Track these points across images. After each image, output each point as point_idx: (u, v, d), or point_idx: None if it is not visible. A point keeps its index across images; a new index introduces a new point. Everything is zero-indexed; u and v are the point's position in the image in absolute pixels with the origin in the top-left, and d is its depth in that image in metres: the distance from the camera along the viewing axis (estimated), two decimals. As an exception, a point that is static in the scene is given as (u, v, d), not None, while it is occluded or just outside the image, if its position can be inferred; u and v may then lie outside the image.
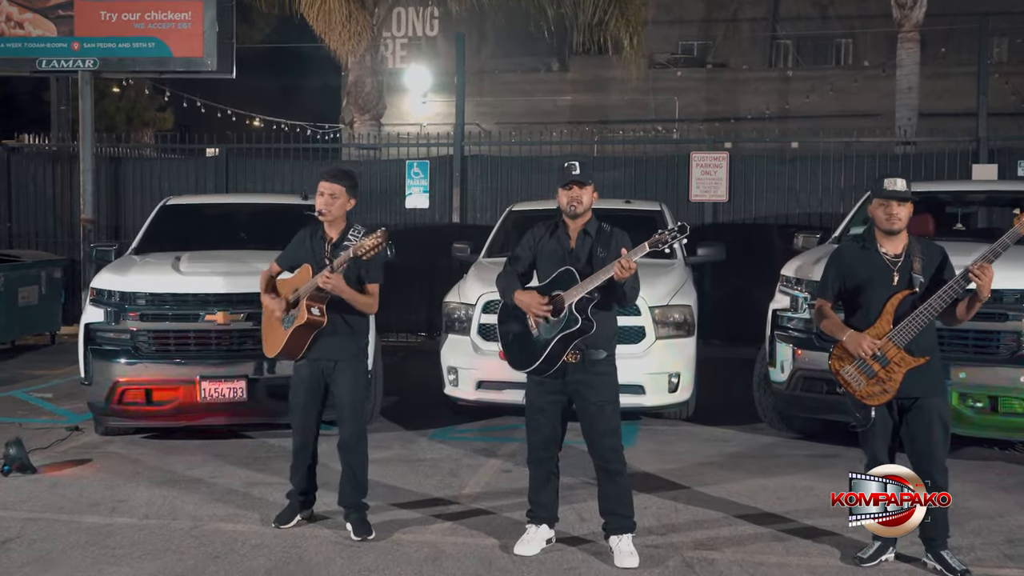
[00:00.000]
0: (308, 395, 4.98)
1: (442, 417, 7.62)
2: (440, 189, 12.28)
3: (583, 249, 4.54)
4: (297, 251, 5.11)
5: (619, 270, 4.23)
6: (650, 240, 4.26)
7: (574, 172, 4.50)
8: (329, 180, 4.95)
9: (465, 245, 8.87)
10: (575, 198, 4.50)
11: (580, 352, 4.47)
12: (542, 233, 4.69)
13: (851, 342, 4.35)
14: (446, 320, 7.46)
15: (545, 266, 4.61)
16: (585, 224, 4.59)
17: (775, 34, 25.95)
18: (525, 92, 24.95)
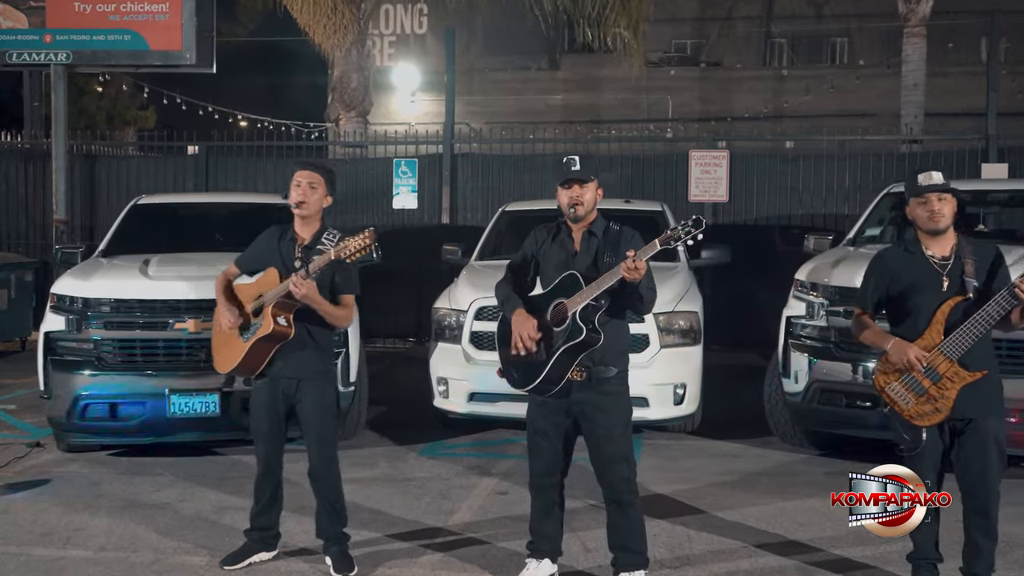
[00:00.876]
0: (271, 421, 4.42)
1: (432, 430, 7.14)
2: (429, 189, 11.82)
3: (588, 252, 4.07)
4: (262, 253, 4.52)
5: (627, 271, 3.75)
6: (661, 237, 3.77)
7: (573, 168, 4.02)
8: (307, 168, 4.43)
9: (456, 247, 8.40)
10: (576, 198, 4.02)
11: (587, 369, 4.00)
12: (543, 236, 4.21)
13: (896, 352, 3.88)
14: (436, 327, 6.98)
15: (547, 273, 4.14)
16: (590, 225, 4.12)
17: (769, 33, 25.56)
18: (516, 91, 24.51)
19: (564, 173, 4.04)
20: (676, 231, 3.74)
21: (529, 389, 4.02)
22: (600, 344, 3.93)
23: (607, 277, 3.86)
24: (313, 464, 4.42)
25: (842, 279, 6.01)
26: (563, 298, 3.96)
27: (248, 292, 4.49)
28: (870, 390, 5.79)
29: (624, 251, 4.01)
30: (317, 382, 4.40)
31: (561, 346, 3.92)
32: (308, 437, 4.41)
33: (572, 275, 3.98)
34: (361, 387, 6.83)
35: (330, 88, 12.79)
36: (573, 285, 3.95)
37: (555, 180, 4.10)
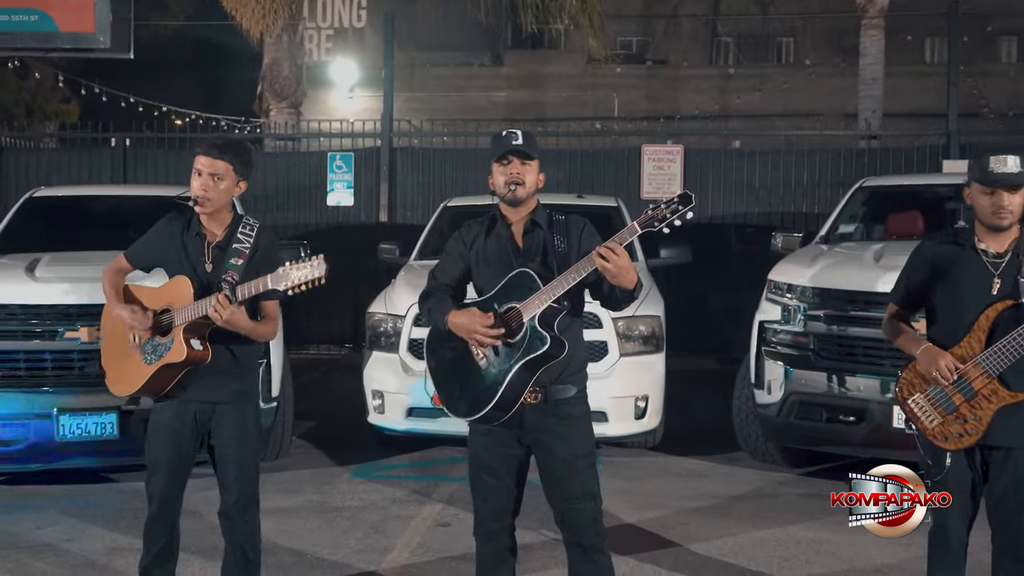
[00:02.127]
0: (175, 451, 3.62)
1: (366, 448, 6.42)
2: (366, 184, 11.07)
3: (535, 245, 3.38)
4: (159, 246, 3.70)
5: (602, 260, 3.06)
6: (642, 218, 3.10)
7: (515, 141, 3.36)
8: (209, 154, 3.60)
9: (393, 246, 7.68)
10: (517, 176, 3.34)
11: (541, 389, 3.31)
12: (475, 232, 3.47)
13: (926, 359, 3.28)
14: (370, 335, 6.26)
15: (485, 274, 3.43)
16: (532, 213, 3.44)
17: (716, 31, 25.24)
18: (457, 87, 23.81)
19: (503, 146, 3.37)
20: (660, 210, 3.07)
21: (478, 418, 3.31)
22: (564, 354, 3.26)
23: (573, 271, 3.18)
24: (228, 503, 3.64)
25: (822, 280, 5.44)
26: (514, 301, 3.28)
27: (150, 299, 3.66)
28: (854, 403, 5.25)
29: (581, 239, 3.39)
30: (237, 406, 3.64)
31: (518, 360, 3.23)
32: (225, 471, 3.64)
33: (524, 273, 3.28)
34: (285, 402, 6.08)
35: (260, 77, 11.93)
36: (526, 285, 3.25)
37: (491, 156, 3.41)
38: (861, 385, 5.21)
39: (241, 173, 3.66)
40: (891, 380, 5.13)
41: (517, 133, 3.38)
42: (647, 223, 3.08)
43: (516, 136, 3.37)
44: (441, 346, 3.41)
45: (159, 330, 3.58)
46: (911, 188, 7.12)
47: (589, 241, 3.38)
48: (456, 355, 3.33)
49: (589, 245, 3.35)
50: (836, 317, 5.36)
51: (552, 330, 3.22)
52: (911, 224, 6.71)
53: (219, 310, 3.36)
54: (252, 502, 3.69)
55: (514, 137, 3.37)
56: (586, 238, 3.40)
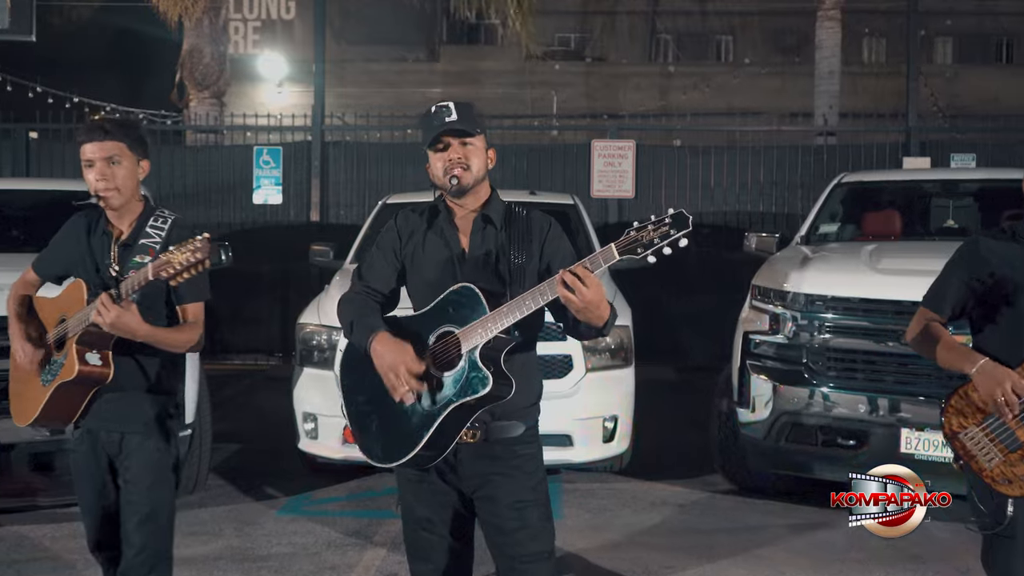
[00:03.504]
0: (94, 493, 3.04)
1: (296, 477, 5.65)
2: (296, 181, 10.28)
3: (485, 249, 2.70)
4: (66, 252, 3.11)
5: (565, 291, 2.40)
6: (622, 240, 2.41)
7: (448, 117, 2.67)
8: (93, 138, 2.96)
9: (326, 247, 6.90)
10: (457, 160, 2.66)
11: (481, 426, 2.63)
12: (414, 225, 2.79)
13: (985, 380, 2.69)
14: (301, 349, 5.49)
15: (420, 283, 2.73)
16: (484, 206, 2.75)
17: (655, 28, 24.84)
18: (391, 83, 22.93)
19: (433, 127, 2.67)
20: (646, 232, 2.40)
21: (402, 463, 2.60)
22: (511, 395, 2.57)
23: (530, 297, 2.49)
24: (129, 558, 2.95)
25: (817, 285, 4.84)
26: (452, 325, 2.57)
27: (49, 311, 3.09)
28: (854, 424, 4.65)
29: (542, 248, 2.71)
30: (148, 436, 3.00)
31: (452, 400, 2.53)
32: (129, 517, 2.97)
33: (467, 290, 2.58)
34: (202, 427, 5.28)
35: (179, 64, 10.99)
36: (469, 305, 2.56)
37: (424, 142, 2.72)
38: (862, 404, 4.61)
39: (138, 151, 3.04)
40: (896, 398, 4.58)
41: (449, 107, 2.69)
42: (628, 247, 2.40)
43: (449, 111, 2.68)
44: (359, 369, 2.68)
45: (57, 344, 3.00)
46: (894, 184, 6.59)
47: (554, 249, 2.71)
48: (377, 384, 2.61)
49: (554, 255, 2.70)
50: (834, 327, 4.76)
51: (497, 366, 2.53)
52: (884, 225, 6.18)
53: (103, 312, 2.76)
54: (160, 559, 3.01)
55: (446, 112, 2.68)
56: (551, 245, 2.71)
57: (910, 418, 4.49)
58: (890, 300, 4.57)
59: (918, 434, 4.43)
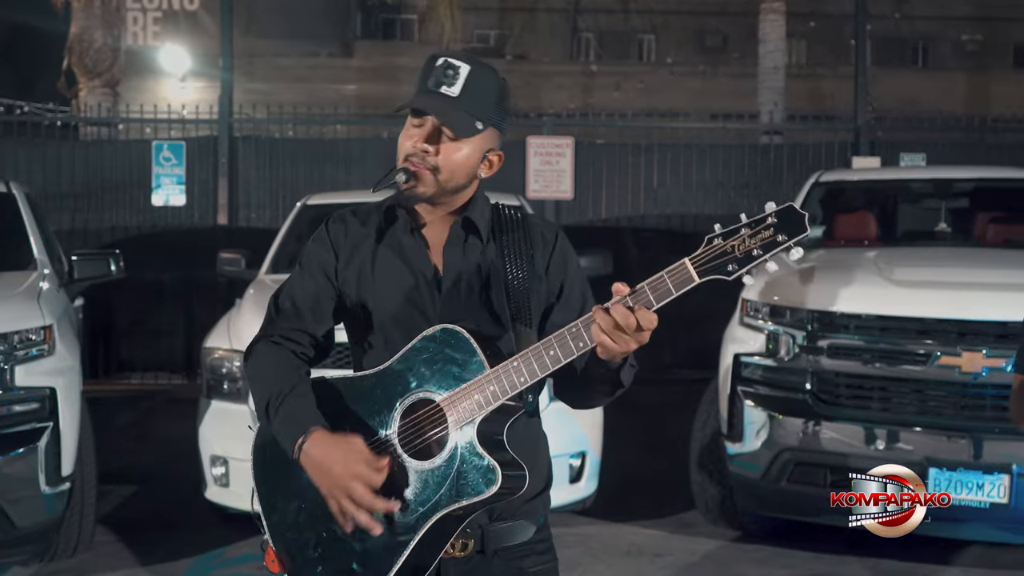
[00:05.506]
0: None
1: (206, 528, 4.73)
2: (200, 180, 9.25)
3: (467, 267, 1.88)
4: None
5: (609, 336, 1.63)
6: (703, 255, 1.62)
7: (446, 87, 1.79)
8: None
9: (237, 255, 5.98)
10: (421, 153, 1.81)
11: (475, 531, 1.81)
12: (357, 236, 1.92)
13: None
14: (209, 378, 4.59)
15: (372, 319, 1.88)
16: (465, 207, 1.90)
17: (576, 27, 24.32)
18: (302, 79, 21.84)
19: (419, 88, 1.82)
20: (740, 240, 1.60)
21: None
22: (524, 489, 1.77)
23: (551, 348, 1.69)
24: None
25: (823, 300, 4.15)
26: (430, 390, 1.75)
27: None
28: (872, 463, 3.97)
29: (548, 268, 1.89)
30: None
31: (438, 508, 1.71)
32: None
33: (449, 335, 1.75)
34: (84, 476, 4.31)
35: (66, 49, 9.85)
36: (454, 359, 1.74)
37: (408, 96, 1.86)
38: (881, 440, 3.95)
39: None
40: (922, 432, 3.93)
41: (458, 71, 1.80)
42: (713, 265, 1.61)
43: (453, 77, 1.79)
44: (282, 464, 1.81)
45: None
46: (879, 184, 6.01)
47: (566, 269, 1.90)
48: (309, 490, 1.77)
49: (566, 278, 1.89)
50: (846, 348, 4.09)
51: (501, 447, 1.72)
52: (857, 229, 5.59)
53: None
54: None
55: (449, 79, 1.79)
56: (561, 263, 1.91)
57: (939, 456, 3.84)
58: (913, 317, 3.93)
59: (949, 474, 3.78)
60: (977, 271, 4.08)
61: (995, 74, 22.26)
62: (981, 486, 3.73)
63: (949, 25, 24.29)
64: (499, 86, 1.86)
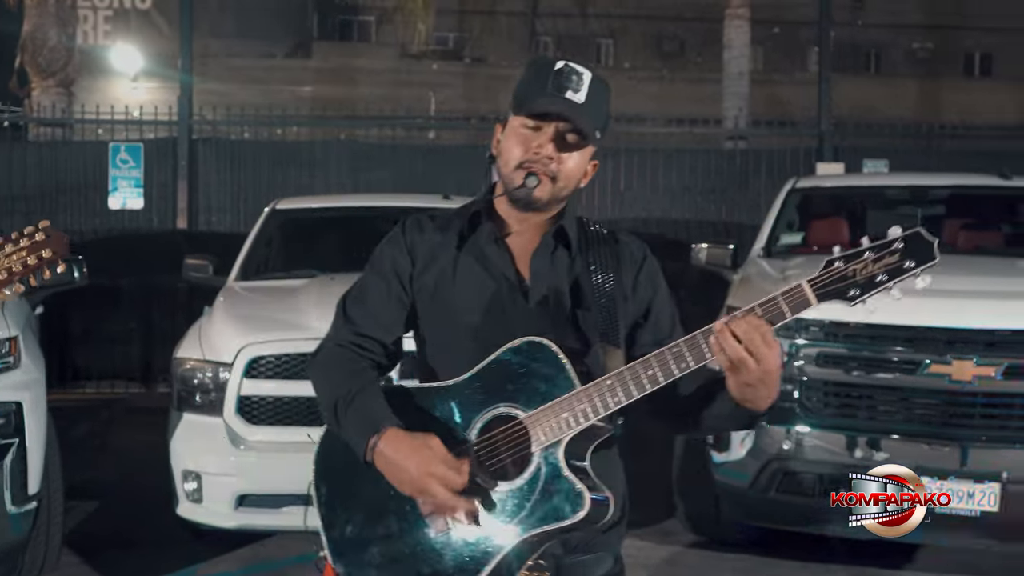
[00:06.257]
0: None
1: (175, 545, 4.57)
2: (159, 183, 9.04)
3: (554, 281, 1.80)
4: None
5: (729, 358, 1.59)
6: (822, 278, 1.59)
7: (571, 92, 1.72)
8: None
9: (204, 261, 5.78)
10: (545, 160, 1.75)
11: (550, 563, 1.71)
12: (435, 242, 1.84)
13: None
14: (180, 389, 4.43)
15: (450, 330, 1.81)
16: (558, 217, 1.82)
17: (535, 30, 24.31)
18: (258, 80, 21.53)
19: (544, 93, 1.73)
20: (863, 263, 1.56)
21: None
22: (610, 515, 1.69)
23: (649, 367, 1.62)
24: None
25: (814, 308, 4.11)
26: (512, 406, 1.67)
27: None
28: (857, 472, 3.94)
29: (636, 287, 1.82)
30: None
31: (521, 531, 1.62)
32: None
33: (537, 348, 1.67)
34: (51, 494, 4.12)
35: (19, 48, 9.57)
36: (542, 374, 1.66)
37: (516, 103, 1.78)
38: (875, 449, 3.92)
39: None
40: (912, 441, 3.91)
41: (582, 78, 1.74)
42: (832, 288, 1.57)
43: (578, 83, 1.73)
44: (347, 472, 1.75)
45: None
46: (855, 190, 6.01)
47: (653, 290, 1.84)
48: (382, 499, 1.70)
49: (654, 299, 1.83)
50: (834, 357, 4.05)
51: (587, 475, 1.64)
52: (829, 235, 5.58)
53: None
54: None
55: (574, 84, 1.72)
56: (649, 283, 1.84)
57: (929, 465, 3.82)
58: (902, 326, 3.91)
59: (940, 483, 3.76)
60: (964, 279, 4.07)
61: (946, 81, 22.69)
62: (972, 495, 3.72)
63: (901, 33, 24.71)
64: (609, 94, 1.81)
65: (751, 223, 9.46)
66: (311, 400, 4.20)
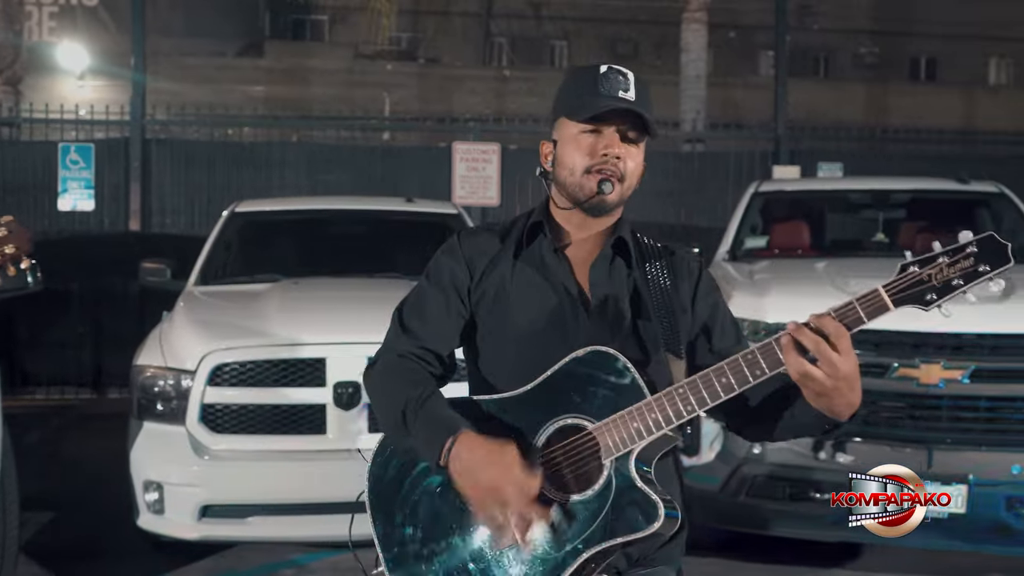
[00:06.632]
0: None
1: (135, 556, 4.46)
2: (111, 184, 8.86)
3: (613, 292, 1.80)
4: None
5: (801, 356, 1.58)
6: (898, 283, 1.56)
7: (624, 92, 1.75)
8: None
9: (161, 265, 5.65)
10: (615, 161, 1.76)
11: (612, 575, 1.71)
12: (493, 252, 1.84)
13: None
14: (141, 397, 4.32)
15: (510, 340, 1.79)
16: (615, 229, 1.86)
17: (489, 31, 24.27)
18: (209, 79, 21.20)
19: (600, 95, 1.74)
20: (938, 268, 1.54)
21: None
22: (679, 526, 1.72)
23: (723, 375, 1.61)
24: None
25: (782, 311, 4.13)
26: (578, 416, 1.66)
27: None
28: (832, 476, 3.99)
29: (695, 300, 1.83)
30: None
31: (591, 543, 1.60)
32: None
33: (604, 358, 1.67)
34: (6, 503, 4.01)
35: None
36: (610, 384, 1.66)
37: (570, 108, 1.79)
38: (840, 452, 3.95)
39: None
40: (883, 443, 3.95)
41: (628, 77, 1.76)
42: (909, 293, 1.55)
43: (626, 83, 1.75)
44: (405, 481, 1.72)
45: None
46: (817, 194, 6.07)
47: (712, 305, 1.85)
48: (443, 508, 1.69)
49: (712, 314, 1.84)
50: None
51: (654, 484, 1.63)
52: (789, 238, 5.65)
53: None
54: None
55: (622, 84, 1.74)
56: (707, 297, 1.85)
57: (899, 469, 3.85)
58: (870, 330, 3.91)
59: (908, 486, 3.79)
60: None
61: (892, 85, 23.09)
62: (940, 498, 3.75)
63: (850, 38, 25.08)
64: (650, 92, 1.81)
65: (709, 226, 9.54)
66: (276, 408, 4.15)
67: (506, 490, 1.57)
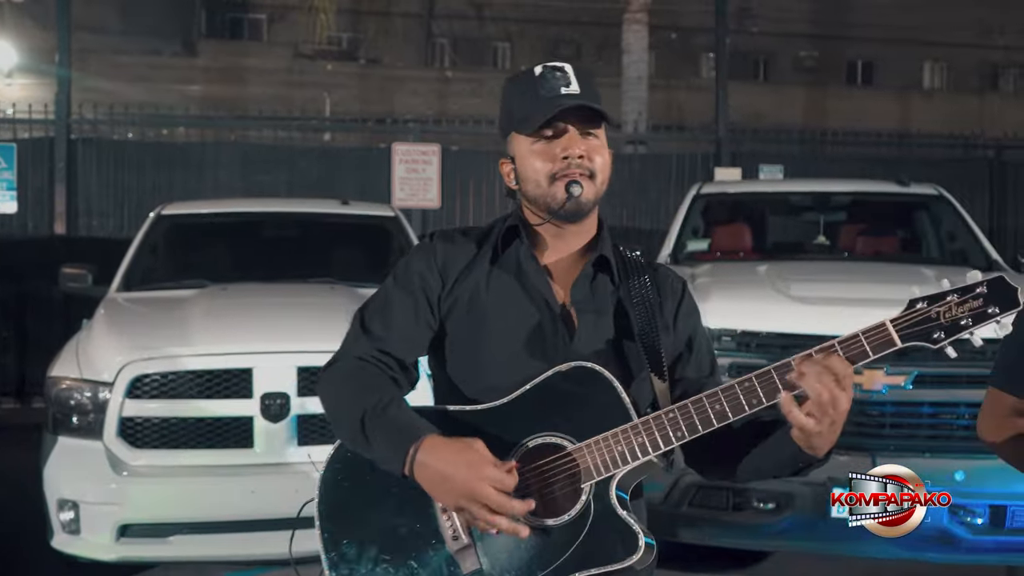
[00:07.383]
0: None
1: None
2: (35, 186, 8.59)
3: (596, 307, 1.70)
4: None
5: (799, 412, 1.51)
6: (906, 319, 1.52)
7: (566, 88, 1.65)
8: None
9: (82, 270, 5.40)
10: (578, 160, 1.65)
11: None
12: (467, 256, 1.72)
13: None
14: (56, 411, 4.09)
15: (484, 351, 1.67)
16: (594, 242, 1.75)
17: (431, 32, 24.09)
18: (143, 78, 20.70)
19: (543, 99, 1.64)
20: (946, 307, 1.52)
21: None
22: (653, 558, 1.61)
23: (716, 403, 1.53)
24: None
25: (723, 317, 4.04)
26: (557, 435, 1.55)
27: None
28: (774, 486, 3.91)
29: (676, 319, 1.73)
30: None
31: (566, 571, 1.50)
32: None
33: (590, 375, 1.56)
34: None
35: None
36: (594, 402, 1.56)
37: (518, 121, 1.68)
38: (784, 461, 3.87)
39: None
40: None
41: (566, 71, 1.66)
42: (917, 330, 1.51)
43: (565, 77, 1.65)
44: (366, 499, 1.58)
45: None
46: (759, 196, 6.02)
47: (694, 325, 1.75)
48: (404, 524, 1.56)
49: (694, 333, 1.74)
50: (748, 368, 3.97)
51: (633, 515, 1.54)
52: (731, 240, 5.61)
53: None
54: None
55: (562, 79, 1.64)
56: (689, 317, 1.75)
57: (841, 476, 3.77)
58: (814, 335, 3.84)
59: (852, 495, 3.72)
60: (873, 287, 4.07)
61: (830, 89, 23.40)
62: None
63: (788, 41, 25.37)
64: (595, 78, 1.71)
65: (650, 228, 9.50)
66: (200, 421, 3.95)
67: (481, 488, 1.46)
